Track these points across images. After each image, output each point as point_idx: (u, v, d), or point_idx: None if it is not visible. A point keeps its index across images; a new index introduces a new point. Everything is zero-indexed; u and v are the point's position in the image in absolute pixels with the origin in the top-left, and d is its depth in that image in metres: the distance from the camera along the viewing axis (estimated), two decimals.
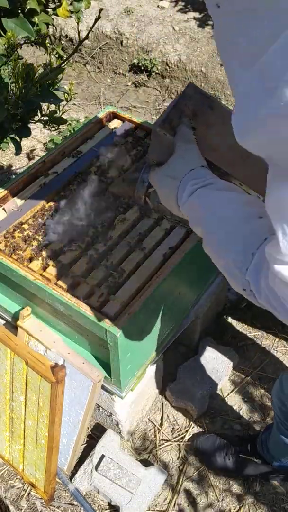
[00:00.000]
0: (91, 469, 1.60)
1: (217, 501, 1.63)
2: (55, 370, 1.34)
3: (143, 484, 1.58)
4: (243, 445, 1.63)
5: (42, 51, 1.58)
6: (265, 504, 1.61)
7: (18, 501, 1.62)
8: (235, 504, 1.62)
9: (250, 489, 1.64)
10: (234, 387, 1.87)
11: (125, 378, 1.44)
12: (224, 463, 1.63)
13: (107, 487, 1.57)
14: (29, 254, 1.41)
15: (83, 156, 1.68)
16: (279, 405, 1.34)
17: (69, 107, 2.97)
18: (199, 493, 1.65)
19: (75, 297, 1.31)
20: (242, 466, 1.61)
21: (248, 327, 2.03)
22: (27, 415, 1.49)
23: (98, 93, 3.33)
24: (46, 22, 1.45)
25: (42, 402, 1.40)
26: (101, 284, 1.35)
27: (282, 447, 1.45)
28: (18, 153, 1.53)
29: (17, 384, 1.47)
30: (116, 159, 1.66)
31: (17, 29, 1.33)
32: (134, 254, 1.41)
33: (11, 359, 1.44)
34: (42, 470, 1.53)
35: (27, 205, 1.53)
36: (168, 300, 1.49)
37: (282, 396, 1.32)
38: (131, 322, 1.27)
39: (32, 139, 2.89)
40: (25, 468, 1.60)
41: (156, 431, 1.76)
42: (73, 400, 1.48)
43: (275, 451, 1.52)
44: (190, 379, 1.80)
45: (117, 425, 1.66)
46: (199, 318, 1.80)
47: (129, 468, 1.59)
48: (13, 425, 1.56)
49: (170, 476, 1.67)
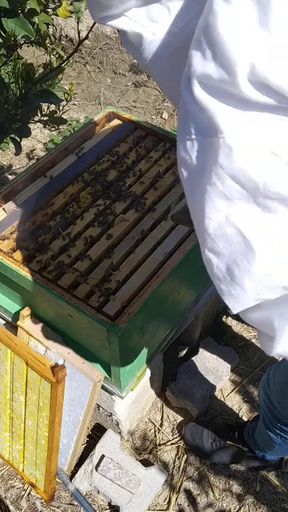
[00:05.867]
0: (91, 469, 1.60)
1: (217, 501, 1.63)
2: (55, 370, 1.34)
3: (143, 484, 1.58)
4: (231, 432, 1.67)
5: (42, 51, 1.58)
6: (265, 504, 1.61)
7: (18, 501, 1.62)
8: (235, 504, 1.62)
9: (250, 489, 1.64)
10: (234, 387, 1.87)
11: (125, 378, 1.43)
12: (211, 449, 1.66)
13: (107, 487, 1.57)
14: (29, 254, 1.41)
15: (83, 156, 1.68)
16: (264, 398, 1.36)
17: (69, 107, 2.97)
18: (199, 493, 1.65)
19: (75, 297, 1.31)
20: (228, 453, 1.65)
21: (248, 327, 2.03)
22: (27, 415, 1.49)
23: (98, 93, 3.33)
24: (46, 22, 1.45)
25: (42, 402, 1.40)
26: (101, 284, 1.35)
27: (266, 440, 1.46)
28: (18, 153, 1.53)
29: (17, 384, 1.47)
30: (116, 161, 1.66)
31: (17, 29, 1.33)
32: (134, 254, 1.41)
33: (11, 359, 1.44)
34: (42, 470, 1.53)
35: (27, 205, 1.53)
36: (168, 300, 1.49)
37: (267, 389, 1.34)
38: (131, 322, 1.27)
39: (32, 139, 2.89)
40: (25, 468, 1.60)
41: (156, 431, 1.76)
42: (73, 400, 1.48)
43: (259, 443, 1.54)
44: (190, 379, 1.80)
45: (117, 425, 1.66)
46: (199, 318, 1.80)
47: (129, 468, 1.59)
48: (13, 425, 1.56)
49: (170, 476, 1.67)
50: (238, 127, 0.62)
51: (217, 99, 0.61)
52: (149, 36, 0.71)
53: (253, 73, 0.57)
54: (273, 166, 0.62)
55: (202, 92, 0.62)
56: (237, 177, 0.64)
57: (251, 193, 0.65)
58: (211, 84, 0.61)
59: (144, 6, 0.68)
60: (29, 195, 1.56)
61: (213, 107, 0.62)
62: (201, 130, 0.64)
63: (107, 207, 1.53)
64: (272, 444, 1.44)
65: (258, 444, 1.54)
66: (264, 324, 0.78)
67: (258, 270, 0.70)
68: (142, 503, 1.56)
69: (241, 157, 0.62)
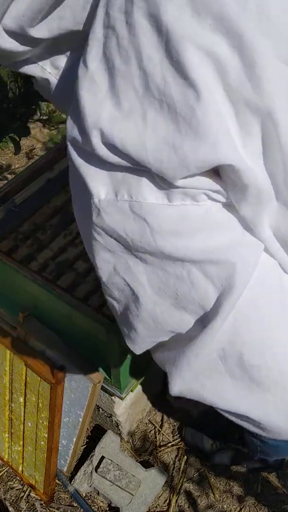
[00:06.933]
0: (91, 471, 1.60)
1: (217, 502, 1.62)
2: (55, 371, 1.33)
3: (143, 485, 1.58)
4: (231, 433, 1.66)
5: None
6: (266, 505, 1.60)
7: (17, 502, 1.61)
8: (236, 505, 1.61)
9: (251, 490, 1.63)
10: None
11: (125, 379, 1.43)
12: (212, 450, 1.65)
13: (107, 489, 1.56)
14: (29, 254, 1.40)
15: None
16: None
17: None
18: (200, 494, 1.64)
19: (75, 297, 1.30)
20: (229, 454, 1.64)
21: None
22: (26, 416, 1.48)
23: None
24: None
25: (42, 403, 1.40)
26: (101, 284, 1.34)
27: (252, 443, 1.45)
28: (18, 153, 1.53)
29: (16, 385, 1.46)
30: None
31: None
32: None
33: (10, 360, 1.43)
34: (41, 472, 1.52)
35: (26, 205, 1.52)
36: None
37: None
38: None
39: (32, 138, 2.88)
40: (25, 469, 1.59)
41: (157, 432, 1.76)
42: (73, 401, 1.47)
43: (250, 445, 1.52)
44: None
45: (117, 426, 1.66)
46: None
47: (129, 470, 1.58)
48: (12, 426, 1.55)
49: (171, 477, 1.66)
50: (104, 188, 0.67)
51: (86, 161, 0.67)
52: (54, 80, 0.76)
53: (103, 136, 0.62)
54: (134, 223, 0.67)
55: (74, 156, 0.67)
56: (110, 233, 0.70)
57: (126, 246, 0.70)
58: (79, 146, 0.66)
59: (49, 56, 0.73)
60: (28, 194, 1.55)
61: (84, 171, 0.67)
62: (81, 190, 0.69)
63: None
64: (256, 447, 1.43)
65: (250, 446, 1.53)
66: (161, 366, 0.86)
67: (146, 316, 0.76)
68: (142, 505, 1.55)
69: (108, 217, 0.68)
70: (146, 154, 0.61)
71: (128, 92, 0.60)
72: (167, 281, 0.72)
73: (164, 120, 0.59)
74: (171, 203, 0.65)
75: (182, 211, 0.66)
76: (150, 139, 0.60)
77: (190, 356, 0.77)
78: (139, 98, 0.60)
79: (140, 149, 0.61)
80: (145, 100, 0.59)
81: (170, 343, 0.82)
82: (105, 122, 0.61)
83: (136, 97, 0.60)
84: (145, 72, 0.58)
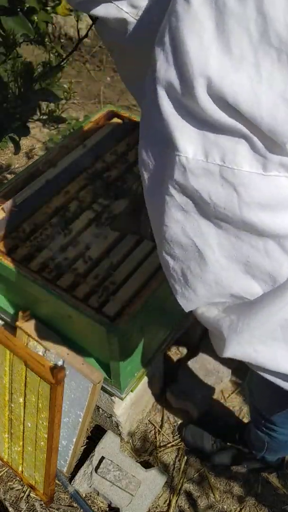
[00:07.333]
0: (91, 471, 1.59)
1: (217, 502, 1.62)
2: (55, 371, 1.33)
3: (143, 486, 1.57)
4: (231, 433, 1.67)
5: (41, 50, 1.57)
6: (266, 505, 1.60)
7: (17, 503, 1.61)
8: (236, 506, 1.61)
9: (251, 491, 1.63)
10: (235, 389, 1.86)
11: (125, 379, 1.42)
12: (212, 451, 1.65)
13: (107, 489, 1.56)
14: (29, 254, 1.40)
15: (82, 155, 1.67)
16: (249, 393, 1.36)
17: (68, 105, 2.96)
18: (200, 494, 1.64)
19: (74, 297, 1.30)
20: (229, 454, 1.64)
21: None
22: (26, 417, 1.48)
23: (97, 92, 3.32)
24: (46, 21, 1.44)
25: (42, 403, 1.39)
26: (101, 284, 1.34)
27: (258, 439, 1.45)
28: (17, 152, 1.52)
29: (16, 386, 1.46)
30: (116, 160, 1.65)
31: (16, 28, 1.32)
32: (133, 254, 1.40)
33: (10, 360, 1.43)
34: (41, 472, 1.52)
35: (26, 205, 1.52)
36: (168, 300, 1.48)
37: (250, 384, 1.34)
38: (131, 322, 1.26)
39: (31, 138, 2.88)
40: (25, 469, 1.59)
41: (157, 432, 1.75)
42: (73, 401, 1.47)
43: (254, 442, 1.53)
44: (190, 380, 1.79)
45: (117, 426, 1.65)
46: None
47: (129, 470, 1.58)
48: (12, 426, 1.55)
49: (171, 477, 1.66)
50: (193, 147, 0.62)
51: (178, 114, 0.61)
52: (133, 21, 0.71)
53: (210, 87, 0.56)
54: (222, 190, 0.63)
55: (165, 104, 0.61)
56: (191, 195, 0.66)
57: (204, 210, 0.67)
58: (174, 96, 0.60)
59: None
60: (28, 194, 1.55)
61: (173, 122, 0.62)
62: (161, 139, 0.65)
63: (106, 206, 1.52)
64: (263, 443, 1.43)
65: (254, 444, 1.54)
66: (216, 328, 0.84)
67: (209, 278, 0.74)
68: (142, 505, 1.55)
69: (193, 178, 0.64)
70: (260, 111, 0.55)
71: (240, 37, 0.53)
72: (240, 248, 0.69)
73: (281, 73, 0.54)
74: (266, 173, 0.61)
75: (276, 183, 0.62)
76: (266, 94, 0.55)
77: (254, 323, 0.77)
78: (253, 45, 0.53)
79: (253, 105, 0.55)
80: (260, 48, 0.53)
81: (228, 307, 0.80)
82: (214, 71, 0.55)
83: (250, 44, 0.53)
84: (265, 16, 0.52)
